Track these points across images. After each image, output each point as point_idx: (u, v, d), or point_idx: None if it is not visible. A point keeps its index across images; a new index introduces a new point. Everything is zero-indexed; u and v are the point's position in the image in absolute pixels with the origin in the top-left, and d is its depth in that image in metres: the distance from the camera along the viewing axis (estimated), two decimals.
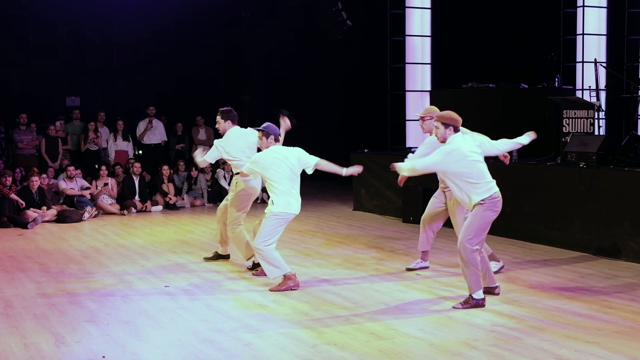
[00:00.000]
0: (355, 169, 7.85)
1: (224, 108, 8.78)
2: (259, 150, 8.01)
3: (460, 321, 6.42)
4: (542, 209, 10.16)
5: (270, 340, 5.97)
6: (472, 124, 12.91)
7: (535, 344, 5.77)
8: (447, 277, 8.19)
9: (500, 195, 6.95)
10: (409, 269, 8.51)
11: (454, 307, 6.82)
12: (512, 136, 11.76)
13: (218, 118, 8.73)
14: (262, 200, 14.16)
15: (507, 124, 12.36)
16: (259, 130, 7.76)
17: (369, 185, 13.53)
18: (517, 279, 8.05)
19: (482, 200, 6.80)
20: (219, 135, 8.82)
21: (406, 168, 7.07)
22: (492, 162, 11.07)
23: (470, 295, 6.83)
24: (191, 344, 5.89)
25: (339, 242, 10.54)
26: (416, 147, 15.22)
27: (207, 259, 9.18)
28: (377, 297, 7.31)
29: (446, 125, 6.97)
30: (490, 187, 6.89)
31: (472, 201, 6.84)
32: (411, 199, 12.15)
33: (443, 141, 6.98)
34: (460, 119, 7.10)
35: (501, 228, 10.64)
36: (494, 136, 12.57)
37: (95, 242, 10.81)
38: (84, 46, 17.07)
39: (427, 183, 12.05)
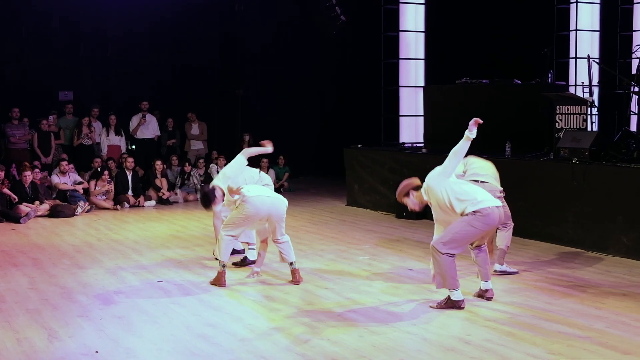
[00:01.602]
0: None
1: None
2: None
3: (454, 316, 6.44)
4: (535, 205, 10.17)
5: (264, 335, 5.98)
6: (465, 120, 12.98)
7: (528, 339, 5.79)
8: None
9: (495, 210, 6.72)
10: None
11: (430, 307, 6.74)
12: (504, 132, 11.82)
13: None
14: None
15: (500, 119, 12.39)
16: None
17: (362, 180, 13.54)
18: (510, 274, 8.07)
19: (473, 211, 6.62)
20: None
21: None
22: (485, 157, 11.11)
23: (448, 295, 6.74)
24: (185, 339, 5.90)
25: (332, 237, 10.55)
26: (409, 143, 15.32)
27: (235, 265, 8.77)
28: (371, 293, 7.32)
29: (412, 194, 7.04)
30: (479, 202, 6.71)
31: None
32: None
33: (422, 207, 7.10)
34: (411, 183, 7.15)
35: None
36: (486, 131, 12.62)
37: (88, 237, 10.79)
38: (77, 40, 16.98)
39: (420, 178, 12.05)
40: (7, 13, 16.20)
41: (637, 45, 12.44)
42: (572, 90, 13.91)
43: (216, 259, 8.43)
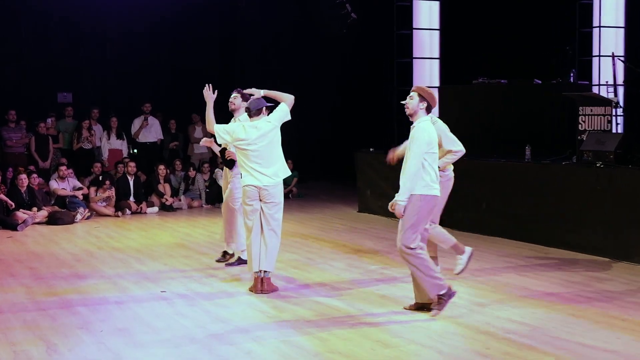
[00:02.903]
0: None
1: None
2: None
3: (471, 328, 6.42)
4: (557, 211, 10.14)
5: (272, 348, 5.98)
6: (483, 122, 13.00)
7: (550, 353, 5.77)
8: (456, 282, 8.16)
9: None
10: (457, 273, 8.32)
11: (433, 316, 6.76)
12: (524, 135, 11.80)
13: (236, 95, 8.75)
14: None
15: (519, 122, 12.39)
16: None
17: (374, 185, 13.52)
18: (531, 284, 8.05)
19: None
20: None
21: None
22: (504, 161, 11.09)
23: (437, 295, 6.80)
24: (189, 352, 5.90)
25: (343, 245, 10.54)
26: None
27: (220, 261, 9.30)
28: (383, 304, 7.31)
29: (422, 99, 6.90)
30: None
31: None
32: None
33: (412, 114, 6.94)
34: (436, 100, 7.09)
35: (514, 231, 10.66)
36: (505, 134, 12.61)
37: (88, 245, 10.82)
38: (77, 40, 17.05)
39: None
40: (5, 12, 16.28)
41: None
42: (595, 90, 13.87)
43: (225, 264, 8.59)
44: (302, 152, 17.36)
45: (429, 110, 6.97)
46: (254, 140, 7.72)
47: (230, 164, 8.68)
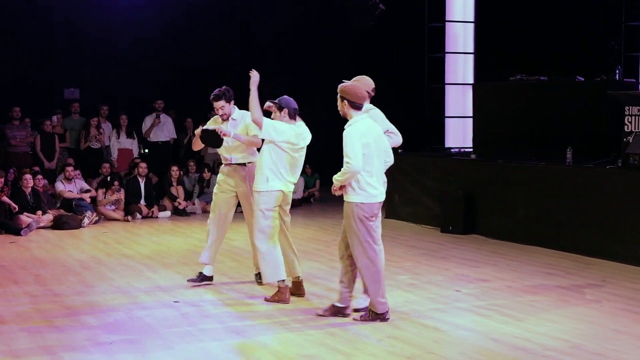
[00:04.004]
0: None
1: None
2: None
3: (506, 344, 6.40)
4: (600, 219, 10.08)
5: None
6: (520, 122, 12.94)
7: None
8: (491, 294, 8.15)
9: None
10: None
11: (354, 319, 6.99)
12: (565, 136, 11.73)
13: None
14: None
15: (560, 122, 12.33)
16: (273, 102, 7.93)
17: (403, 190, 13.51)
18: (572, 298, 8.01)
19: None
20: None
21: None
22: (543, 165, 11.04)
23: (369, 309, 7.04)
24: None
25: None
26: (456, 148, 15.28)
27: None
28: (412, 316, 7.30)
29: (342, 99, 7.04)
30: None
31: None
32: (450, 206, 12.12)
33: (344, 117, 7.06)
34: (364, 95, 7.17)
35: (553, 240, 10.62)
36: (544, 136, 12.56)
37: (96, 252, 10.88)
38: (83, 32, 17.14)
39: (468, 188, 12.05)
40: (9, 5, 16.39)
41: None
42: None
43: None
44: (320, 154, 17.36)
45: (355, 107, 6.98)
46: (302, 147, 7.90)
47: (216, 142, 8.36)
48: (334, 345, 6.39)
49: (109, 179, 14.45)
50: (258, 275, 8.46)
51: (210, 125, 8.55)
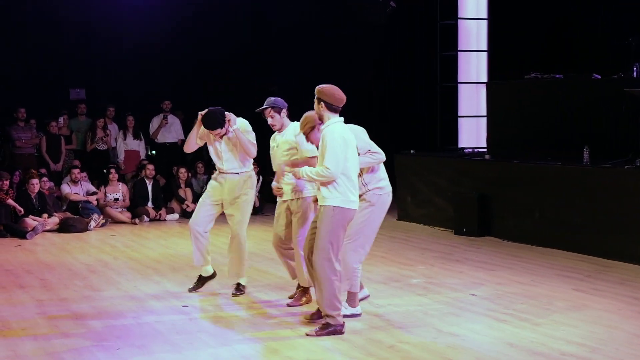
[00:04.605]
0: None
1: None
2: None
3: (523, 349, 6.37)
4: (618, 220, 10.04)
5: None
6: (536, 121, 12.90)
7: None
8: (507, 297, 8.12)
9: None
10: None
11: (307, 334, 6.79)
12: (581, 135, 11.68)
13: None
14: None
15: (576, 121, 12.28)
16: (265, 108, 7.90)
17: (415, 191, 13.49)
18: (590, 301, 7.97)
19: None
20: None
21: None
22: (559, 165, 11.00)
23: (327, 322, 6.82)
24: None
25: (381, 257, 10.51)
26: (470, 148, 15.24)
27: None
28: (427, 321, 7.28)
29: (319, 100, 6.85)
30: None
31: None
32: (464, 208, 12.09)
33: (320, 119, 6.93)
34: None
35: (570, 242, 10.58)
36: (560, 135, 12.50)
37: (103, 255, 10.90)
38: (89, 31, 17.16)
39: (483, 189, 12.01)
40: (14, 3, 16.42)
41: None
42: None
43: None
44: None
45: (333, 109, 6.82)
46: None
47: (213, 123, 8.22)
48: (346, 351, 6.37)
49: (105, 170, 14.47)
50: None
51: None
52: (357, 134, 7.19)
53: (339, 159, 6.60)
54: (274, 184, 7.92)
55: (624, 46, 12.80)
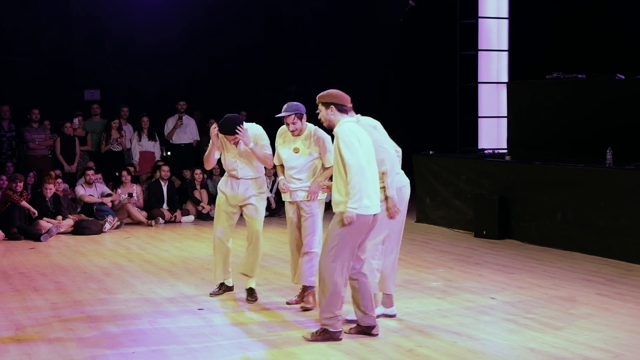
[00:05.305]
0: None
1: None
2: None
3: (545, 354, 6.36)
4: None
5: None
6: (558, 122, 12.87)
7: None
8: (528, 301, 8.11)
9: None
10: None
11: (303, 337, 6.81)
12: (605, 136, 11.65)
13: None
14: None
15: (599, 122, 12.24)
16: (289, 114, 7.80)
17: (434, 193, 13.48)
18: (613, 305, 7.95)
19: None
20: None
21: None
22: (581, 166, 10.98)
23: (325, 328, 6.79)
24: None
25: (400, 259, 10.39)
26: (490, 149, 15.21)
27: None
28: (446, 324, 7.28)
29: (326, 105, 6.81)
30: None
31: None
32: (484, 210, 12.07)
33: (330, 126, 6.84)
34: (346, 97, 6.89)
35: (592, 245, 10.54)
36: (583, 135, 12.47)
37: (118, 257, 10.95)
38: (103, 31, 17.26)
39: (503, 191, 11.99)
40: (28, 4, 16.51)
41: None
42: None
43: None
44: None
45: (343, 110, 6.78)
46: None
47: (229, 128, 8.15)
48: (364, 355, 6.38)
49: (117, 174, 14.54)
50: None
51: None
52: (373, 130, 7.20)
53: (357, 151, 6.51)
54: (284, 185, 7.95)
55: None
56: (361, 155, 6.52)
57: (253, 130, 8.21)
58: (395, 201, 7.13)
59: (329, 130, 7.03)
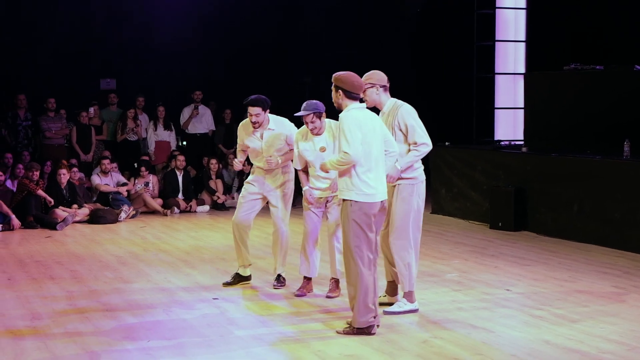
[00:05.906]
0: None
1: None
2: None
3: (560, 347, 6.36)
4: None
5: None
6: (575, 114, 12.84)
7: None
8: (543, 294, 8.11)
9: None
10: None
11: (337, 332, 6.75)
12: (622, 128, 11.61)
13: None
14: None
15: (617, 113, 12.21)
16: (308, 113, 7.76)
17: (450, 184, 13.47)
18: (630, 298, 7.94)
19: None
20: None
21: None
22: (599, 158, 10.94)
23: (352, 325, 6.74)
24: None
25: None
26: (506, 141, 15.18)
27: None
28: (461, 316, 7.29)
29: (336, 88, 6.82)
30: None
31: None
32: (500, 201, 12.05)
33: (338, 108, 6.85)
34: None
35: (609, 237, 10.52)
36: (600, 128, 12.42)
37: (133, 247, 11.01)
38: (119, 20, 17.28)
39: (519, 182, 11.98)
40: None
41: None
42: None
43: None
44: None
45: (352, 97, 6.77)
46: None
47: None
48: (379, 346, 6.40)
49: (135, 165, 14.60)
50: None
51: (240, 132, 8.51)
52: (406, 118, 7.64)
53: (355, 141, 6.50)
54: (310, 196, 7.96)
55: None
56: (358, 147, 6.51)
57: (280, 129, 8.30)
58: (395, 173, 7.20)
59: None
